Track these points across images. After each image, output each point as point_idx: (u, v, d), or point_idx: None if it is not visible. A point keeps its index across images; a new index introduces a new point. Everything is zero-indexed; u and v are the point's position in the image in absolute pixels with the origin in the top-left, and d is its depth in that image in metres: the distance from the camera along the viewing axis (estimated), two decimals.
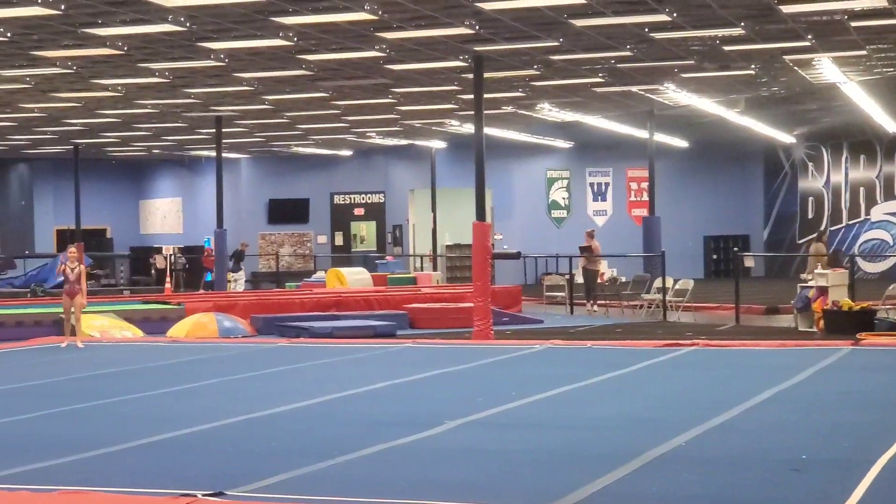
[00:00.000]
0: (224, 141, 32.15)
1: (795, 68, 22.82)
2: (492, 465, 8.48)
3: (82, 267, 19.05)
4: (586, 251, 29.27)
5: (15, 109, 27.76)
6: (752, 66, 22.48)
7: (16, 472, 8.43)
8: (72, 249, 19.34)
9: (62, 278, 19.63)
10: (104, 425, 10.76)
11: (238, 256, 36.06)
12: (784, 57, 21.30)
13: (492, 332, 19.74)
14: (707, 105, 28.85)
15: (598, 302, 28.16)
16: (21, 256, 40.47)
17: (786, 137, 39.89)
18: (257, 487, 7.74)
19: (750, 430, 9.81)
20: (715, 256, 43.40)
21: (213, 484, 7.69)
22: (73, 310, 18.71)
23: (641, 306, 26.82)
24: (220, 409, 11.51)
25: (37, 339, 20.21)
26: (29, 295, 33.02)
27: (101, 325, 21.41)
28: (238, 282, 35.50)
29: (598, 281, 29.22)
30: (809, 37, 18.95)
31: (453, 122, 32.16)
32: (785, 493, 7.48)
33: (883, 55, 21.49)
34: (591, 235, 29.74)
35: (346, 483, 7.90)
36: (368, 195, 43.21)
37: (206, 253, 38.52)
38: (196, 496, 7.25)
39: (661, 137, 34.74)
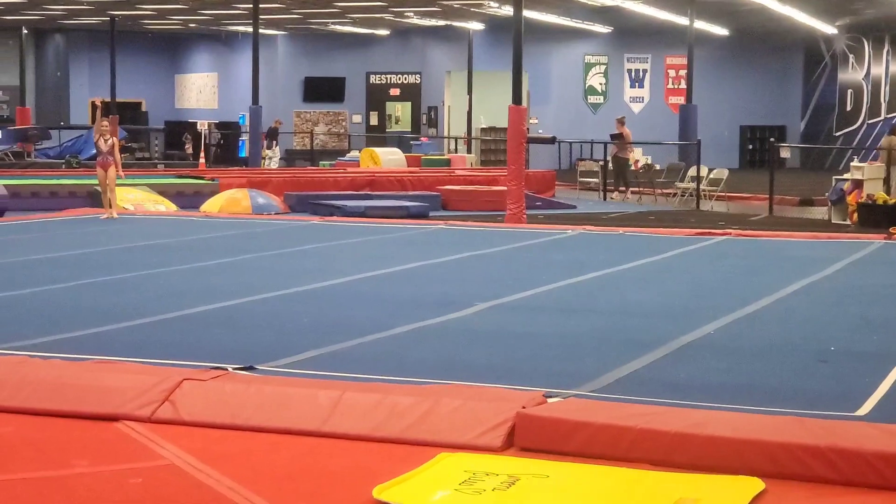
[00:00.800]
0: (261, 17, 31.94)
1: None
2: (521, 348, 8.53)
3: (115, 139, 18.99)
4: (618, 138, 29.05)
5: None
6: None
7: (49, 341, 8.54)
8: (104, 121, 19.23)
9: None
10: (137, 297, 10.84)
11: (272, 134, 36.05)
12: None
13: (524, 216, 19.70)
14: None
15: (631, 189, 28.05)
16: (56, 127, 40.52)
17: (827, 28, 39.30)
18: (288, 363, 7.81)
19: (779, 320, 9.82)
20: (751, 146, 43.09)
21: (244, 358, 7.76)
22: (107, 182, 18.71)
23: (675, 194, 26.71)
24: (252, 284, 11.58)
25: (71, 209, 20.29)
26: (63, 166, 33.12)
27: (135, 198, 21.49)
28: (272, 159, 35.55)
29: (633, 168, 29.08)
30: None
31: (492, 3, 31.83)
32: (812, 383, 7.51)
33: None
34: (622, 122, 29.48)
35: (376, 361, 7.96)
36: (404, 76, 42.97)
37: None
38: (227, 369, 7.32)
39: (701, 25, 34.32)
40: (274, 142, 36.36)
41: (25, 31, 43.16)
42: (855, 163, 22.20)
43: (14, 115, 42.14)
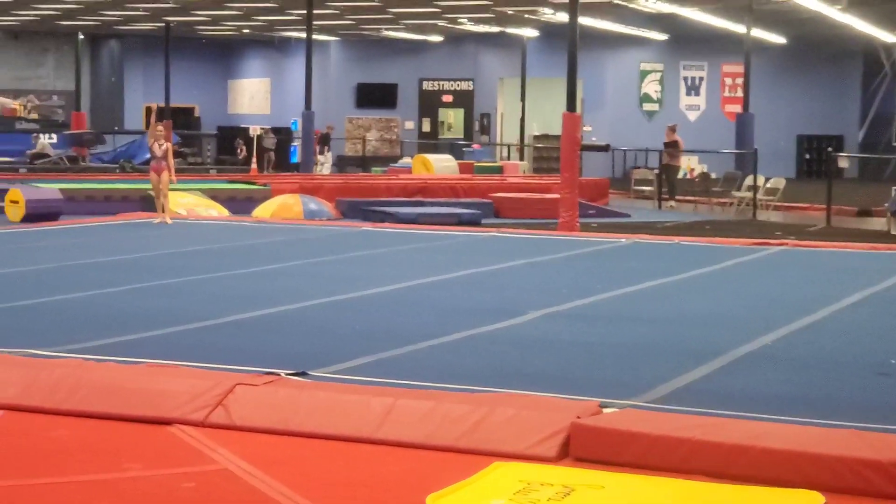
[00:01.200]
0: (314, 23, 32.02)
1: None
2: (574, 357, 8.46)
3: (169, 144, 19.02)
4: (672, 146, 28.81)
5: None
6: None
7: (103, 344, 8.55)
8: (158, 126, 19.33)
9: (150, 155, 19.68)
10: (190, 301, 10.86)
11: (324, 140, 36.15)
12: None
13: (577, 224, 19.62)
14: (808, 1, 28.19)
15: (687, 198, 27.83)
16: (110, 132, 40.83)
17: (887, 37, 38.87)
18: (340, 369, 7.78)
19: (838, 332, 9.70)
20: (808, 156, 42.69)
21: (297, 363, 7.73)
22: (160, 186, 18.79)
23: (731, 204, 26.53)
24: (304, 290, 11.58)
25: (125, 214, 20.41)
26: (117, 170, 33.34)
27: (188, 202, 21.57)
28: (325, 165, 35.65)
29: (688, 177, 28.86)
30: None
31: (546, 9, 31.75)
32: (871, 396, 7.40)
33: None
34: (673, 130, 29.23)
35: (428, 368, 7.92)
36: (457, 82, 42.97)
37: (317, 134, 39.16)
38: (279, 374, 7.29)
39: (758, 33, 34.08)
40: (326, 147, 36.46)
41: (81, 37, 43.53)
42: None
43: (69, 120, 42.50)
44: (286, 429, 6.60)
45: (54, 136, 38.72)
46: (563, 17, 29.35)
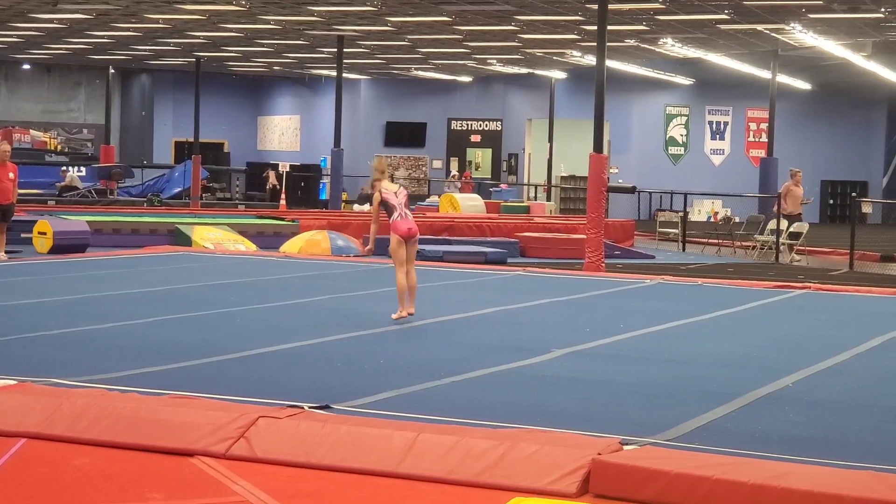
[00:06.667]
0: (345, 61, 32.22)
1: None
2: (597, 395, 8.49)
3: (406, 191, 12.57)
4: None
5: (140, 20, 28.05)
6: (882, 10, 21.93)
7: (127, 375, 8.64)
8: (385, 159, 13.59)
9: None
10: (215, 334, 10.93)
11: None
12: None
13: (603, 264, 19.64)
14: (833, 48, 28.23)
15: (701, 241, 27.64)
16: (139, 166, 41.09)
17: None
18: (364, 403, 7.83)
19: (859, 375, 9.69)
20: (831, 201, 42.72)
21: (321, 397, 7.79)
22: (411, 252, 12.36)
23: (754, 247, 26.49)
24: (329, 325, 11.64)
25: (151, 247, 20.53)
26: (145, 204, 33.56)
27: (216, 237, 21.70)
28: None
29: (712, 220, 28.66)
30: None
31: (574, 52, 31.88)
32: (892, 438, 7.41)
33: None
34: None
35: (452, 404, 7.95)
36: (486, 122, 43.12)
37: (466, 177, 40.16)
38: (303, 407, 7.34)
39: (784, 79, 34.14)
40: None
41: (112, 71, 43.86)
42: None
43: (99, 153, 42.80)
44: (308, 462, 6.64)
45: (83, 169, 39.02)
46: (590, 59, 29.50)
